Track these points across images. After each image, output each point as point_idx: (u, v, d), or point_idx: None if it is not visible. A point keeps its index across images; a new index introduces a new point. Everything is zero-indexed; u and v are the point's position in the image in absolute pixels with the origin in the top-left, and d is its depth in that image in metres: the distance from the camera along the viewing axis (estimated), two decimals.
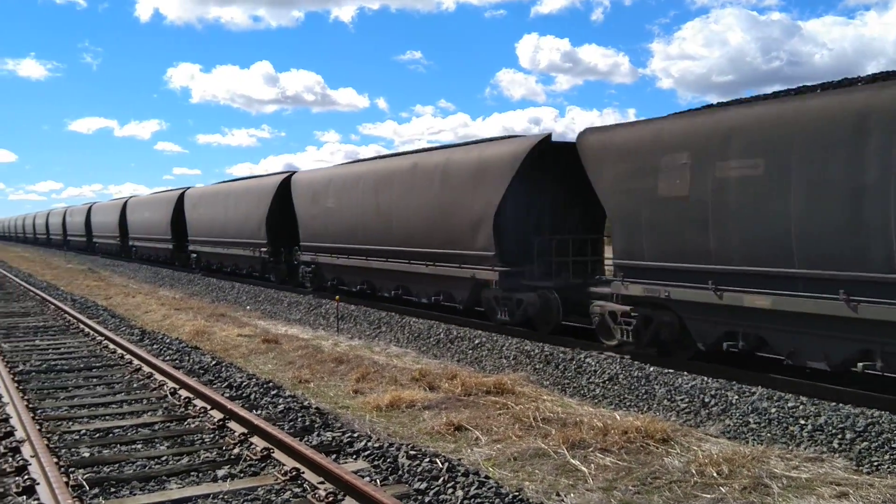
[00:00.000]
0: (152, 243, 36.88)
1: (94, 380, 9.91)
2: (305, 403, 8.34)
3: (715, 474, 5.99)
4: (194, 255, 30.70)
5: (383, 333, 15.13)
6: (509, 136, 15.30)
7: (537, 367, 11.46)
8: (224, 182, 30.62)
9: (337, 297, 17.70)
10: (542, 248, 13.78)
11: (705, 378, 9.88)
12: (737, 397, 9.02)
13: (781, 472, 6.10)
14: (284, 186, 22.61)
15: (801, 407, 8.50)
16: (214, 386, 9.32)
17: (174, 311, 17.72)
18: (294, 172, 23.08)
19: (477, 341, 13.34)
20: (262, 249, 23.80)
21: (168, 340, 13.17)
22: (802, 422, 8.10)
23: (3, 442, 6.85)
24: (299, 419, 7.65)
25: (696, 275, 10.18)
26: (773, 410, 8.49)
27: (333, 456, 6.43)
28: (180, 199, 32.39)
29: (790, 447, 7.31)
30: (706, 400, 9.10)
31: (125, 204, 42.36)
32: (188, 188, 32.91)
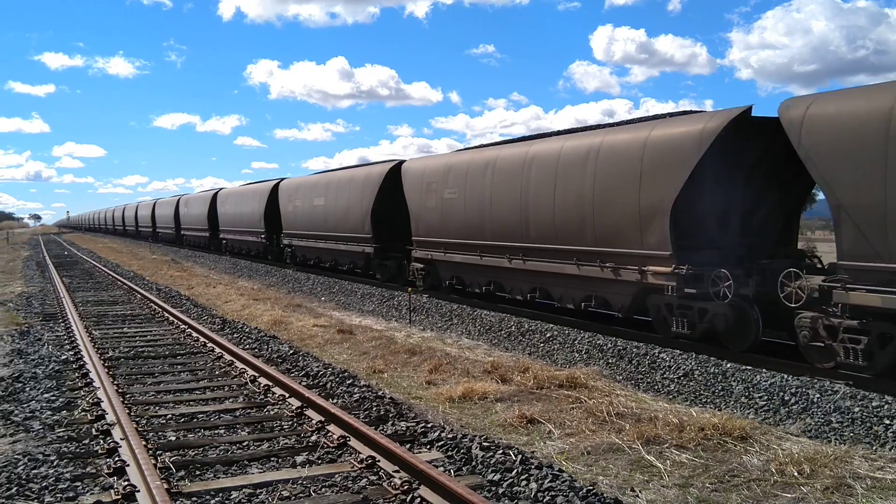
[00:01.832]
0: (330, 244, 25.29)
1: (179, 366, 10.29)
2: (380, 393, 8.48)
3: (796, 473, 5.86)
4: (421, 267, 19.81)
5: (455, 326, 15.22)
6: None
7: (610, 361, 11.37)
8: (480, 147, 18.63)
9: (409, 288, 17.86)
10: None
11: (785, 375, 9.64)
12: (818, 395, 8.78)
13: (865, 472, 5.92)
14: (729, 133, 11.21)
15: (885, 406, 8.22)
16: (292, 374, 9.56)
17: (253, 302, 18.20)
18: (746, 109, 11.32)
19: (549, 334, 13.30)
20: (657, 271, 11.89)
21: (247, 329, 13.55)
22: (887, 421, 7.83)
23: (96, 425, 7.19)
24: (374, 408, 7.79)
25: None
26: (857, 409, 8.24)
27: (408, 445, 6.53)
28: (391, 178, 21.26)
29: (874, 447, 7.09)
30: (786, 398, 8.88)
31: (275, 188, 31.82)
32: (402, 160, 21.61)
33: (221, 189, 42.66)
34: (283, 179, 32.03)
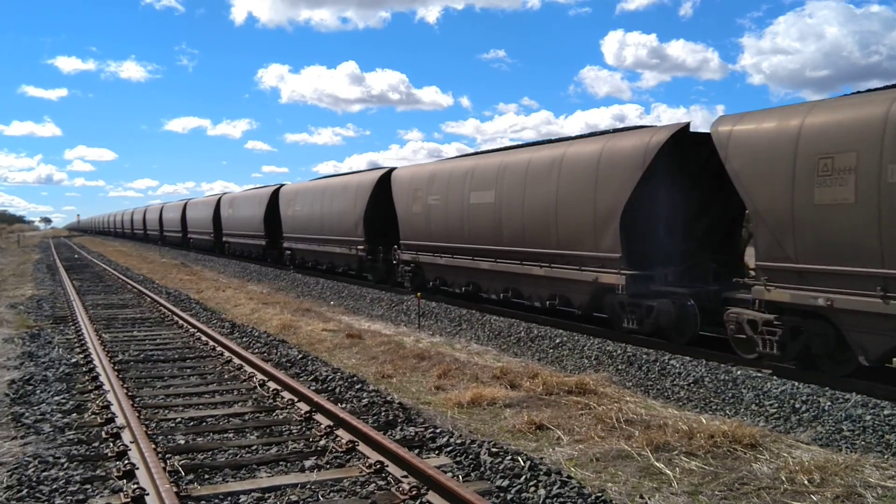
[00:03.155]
0: (508, 265, 15.91)
1: (188, 370, 10.32)
2: (388, 398, 8.48)
3: (806, 482, 5.82)
4: (774, 322, 10.47)
5: (464, 331, 15.21)
6: None
7: (619, 367, 11.34)
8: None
9: (418, 293, 17.83)
10: None
11: (796, 383, 9.59)
12: (830, 403, 8.73)
13: (876, 481, 5.88)
14: None
15: None
16: (301, 379, 9.57)
17: (262, 306, 18.25)
18: None
19: (558, 340, 13.28)
20: None
21: (257, 333, 13.58)
22: None
23: (105, 428, 7.21)
24: (383, 413, 7.79)
25: None
26: (868, 418, 8.18)
27: (416, 450, 6.52)
28: (662, 155, 12.33)
29: (886, 456, 7.03)
30: (797, 405, 8.83)
31: (382, 181, 22.50)
32: (682, 124, 12.61)
33: (284, 185, 33.22)
34: (392, 169, 22.50)
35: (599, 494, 5.44)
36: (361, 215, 23.46)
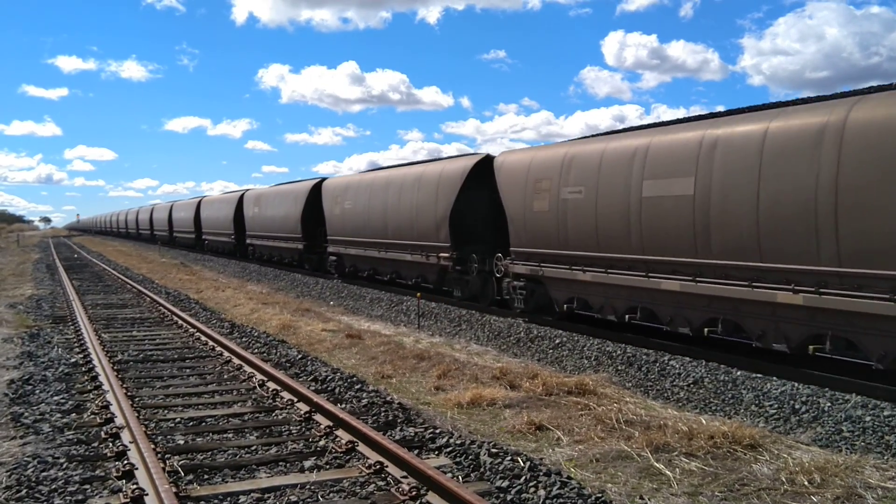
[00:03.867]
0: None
1: (188, 370, 10.31)
2: (388, 398, 8.47)
3: (806, 483, 5.82)
4: None
5: (463, 331, 15.21)
6: None
7: (619, 368, 11.33)
8: None
9: (418, 293, 17.81)
10: None
11: (795, 384, 9.59)
12: (829, 404, 8.73)
13: (876, 482, 5.88)
14: None
15: None
16: (301, 379, 9.56)
17: (261, 306, 18.24)
18: None
19: (557, 341, 13.28)
20: None
21: (256, 334, 13.57)
22: None
23: (105, 428, 7.20)
24: (382, 414, 7.78)
25: None
26: (868, 419, 8.18)
27: (416, 451, 6.51)
28: None
29: (886, 457, 7.03)
30: (797, 406, 8.83)
31: (482, 167, 17.59)
32: None
33: (325, 179, 27.89)
34: (488, 155, 17.86)
35: (599, 495, 5.43)
36: (447, 215, 18.17)
